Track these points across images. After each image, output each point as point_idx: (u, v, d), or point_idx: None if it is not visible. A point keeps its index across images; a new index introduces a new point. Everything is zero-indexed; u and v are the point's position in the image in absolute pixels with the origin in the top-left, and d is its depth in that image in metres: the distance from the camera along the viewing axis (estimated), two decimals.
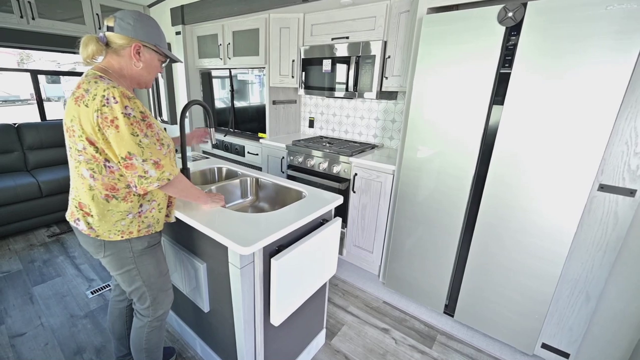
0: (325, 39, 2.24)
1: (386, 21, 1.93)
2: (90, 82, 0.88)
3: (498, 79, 1.38)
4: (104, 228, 0.98)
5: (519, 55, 1.30)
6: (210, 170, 1.83)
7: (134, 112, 0.87)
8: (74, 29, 2.99)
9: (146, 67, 1.00)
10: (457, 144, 1.54)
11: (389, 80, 2.00)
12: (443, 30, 1.48)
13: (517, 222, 1.42)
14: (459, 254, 1.65)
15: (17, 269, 2.25)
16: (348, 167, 2.10)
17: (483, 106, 1.43)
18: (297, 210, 1.22)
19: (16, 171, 2.93)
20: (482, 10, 1.36)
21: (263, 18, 2.44)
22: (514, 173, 1.39)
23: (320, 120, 2.88)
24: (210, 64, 3.00)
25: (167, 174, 0.95)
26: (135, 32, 0.94)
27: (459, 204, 1.59)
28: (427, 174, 1.67)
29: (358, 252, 2.21)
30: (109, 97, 0.84)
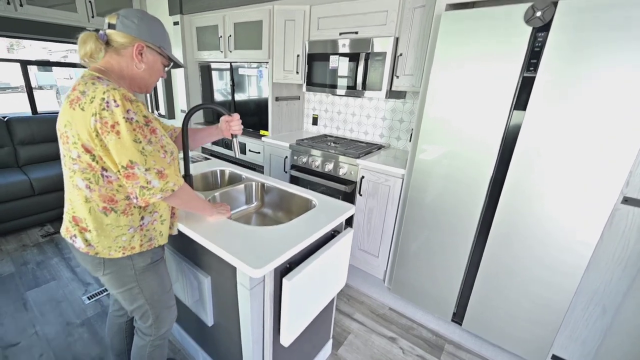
0: (333, 33, 2.11)
1: (399, 16, 1.81)
2: (87, 83, 0.79)
3: (521, 82, 1.29)
4: (104, 244, 0.89)
5: (545, 58, 1.21)
6: (212, 173, 1.73)
7: (136, 117, 0.78)
8: (65, 17, 2.81)
9: (148, 69, 0.91)
10: (473, 148, 1.45)
11: (400, 80, 1.89)
12: (463, 28, 1.38)
13: (534, 231, 1.35)
14: (471, 260, 1.59)
15: (9, 272, 2.14)
16: (355, 169, 2.01)
17: (503, 111, 1.34)
18: (308, 223, 1.14)
19: (6, 167, 2.79)
20: (508, 8, 1.26)
21: (267, 9, 2.30)
22: (533, 181, 1.32)
23: (325, 117, 2.77)
24: (210, 56, 2.85)
25: (171, 184, 0.85)
26: (139, 31, 0.86)
27: (474, 211, 1.51)
28: (440, 178, 1.59)
29: (363, 255, 2.14)
30: (110, 100, 0.75)
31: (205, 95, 3.20)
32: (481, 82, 1.38)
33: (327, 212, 1.23)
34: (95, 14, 2.97)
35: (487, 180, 1.44)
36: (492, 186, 1.45)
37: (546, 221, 1.31)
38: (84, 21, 2.93)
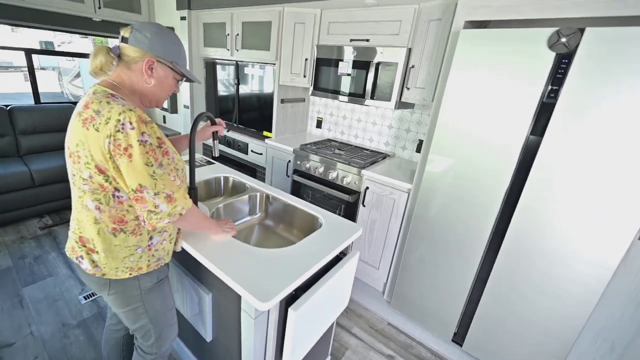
0: (343, 39, 2.03)
1: (413, 27, 1.73)
2: (102, 102, 0.76)
3: (540, 108, 1.23)
4: (111, 265, 0.87)
5: (568, 85, 1.14)
6: (216, 180, 1.67)
7: (150, 139, 0.76)
8: (71, 7, 2.69)
9: (158, 84, 0.87)
10: (487, 170, 1.40)
11: (410, 92, 1.82)
12: (482, 47, 1.31)
13: (545, 259, 1.31)
14: (477, 279, 1.55)
15: (6, 266, 2.08)
16: (359, 179, 1.95)
17: (520, 135, 1.29)
18: (316, 245, 1.09)
19: (7, 157, 2.70)
20: (531, 32, 1.19)
21: (277, 11, 2.20)
22: (547, 208, 1.27)
23: (329, 121, 2.69)
24: (216, 54, 2.75)
25: (179, 208, 0.83)
26: (151, 46, 0.82)
27: (481, 235, 1.47)
28: (449, 197, 1.54)
29: (363, 266, 2.10)
30: (125, 122, 0.73)
31: (209, 91, 3.11)
32: (498, 104, 1.31)
33: (334, 232, 1.18)
34: (102, 5, 2.85)
35: (499, 204, 1.39)
36: (503, 209, 1.40)
37: (559, 251, 1.27)
38: (91, 12, 2.82)
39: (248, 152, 2.69)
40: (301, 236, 1.39)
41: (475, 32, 1.31)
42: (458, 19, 1.41)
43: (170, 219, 0.82)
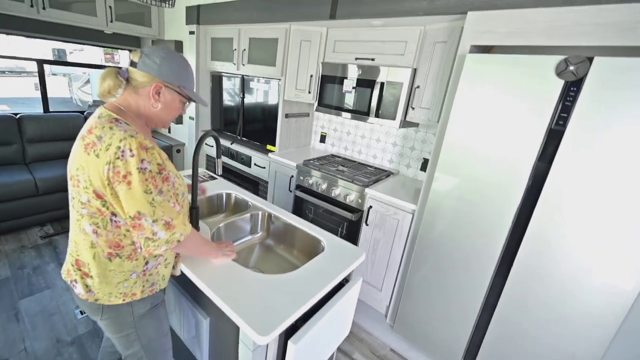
0: (349, 57, 2.03)
1: (418, 48, 1.73)
2: (105, 127, 0.75)
3: (548, 135, 1.21)
4: (105, 291, 0.85)
5: (576, 114, 1.12)
6: (218, 196, 1.64)
7: (150, 166, 0.75)
8: (85, 21, 2.75)
9: (165, 108, 0.87)
10: (495, 192, 1.36)
11: (415, 112, 1.81)
12: (489, 72, 1.29)
13: (556, 288, 1.26)
14: (484, 307, 1.49)
15: (5, 276, 2.06)
16: (362, 197, 1.92)
17: (528, 161, 1.26)
18: (318, 272, 1.05)
19: (14, 164, 2.71)
20: (539, 59, 1.17)
21: (283, 28, 2.22)
22: (557, 237, 1.23)
23: (333, 136, 2.68)
24: (223, 68, 2.77)
25: (177, 235, 0.81)
26: (160, 71, 0.82)
27: (490, 258, 1.42)
28: (455, 219, 1.50)
29: (365, 287, 2.05)
30: (125, 149, 0.72)
31: (214, 104, 3.12)
32: (506, 128, 1.29)
33: (336, 257, 1.15)
34: (114, 19, 2.90)
35: (508, 225, 1.35)
36: (512, 231, 1.35)
37: (571, 277, 1.22)
38: (102, 25, 2.87)
39: (251, 166, 2.68)
40: (302, 258, 1.36)
41: (482, 57, 1.30)
42: (464, 43, 1.41)
43: (167, 246, 0.81)
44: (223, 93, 3.02)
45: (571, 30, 1.16)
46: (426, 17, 1.55)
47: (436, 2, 1.48)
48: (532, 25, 1.23)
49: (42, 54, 10.79)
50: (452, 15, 1.47)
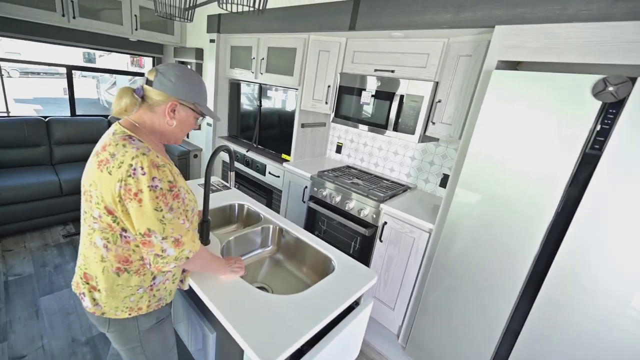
0: (368, 68, 2.00)
1: (441, 61, 1.68)
2: (118, 144, 0.77)
3: (581, 159, 1.12)
4: (111, 304, 0.86)
5: (615, 138, 1.04)
6: (231, 207, 1.65)
7: (161, 184, 0.76)
8: (111, 29, 2.89)
9: (179, 125, 0.88)
10: (520, 214, 1.28)
11: (436, 127, 1.75)
12: (518, 89, 1.23)
13: (586, 319, 1.17)
14: (505, 334, 1.41)
15: (28, 273, 2.15)
16: (377, 212, 1.88)
17: (557, 187, 1.18)
18: (327, 293, 1.03)
19: (41, 165, 2.86)
20: (573, 77, 1.10)
21: (303, 38, 2.22)
22: (587, 268, 1.14)
23: (349, 147, 2.65)
24: (241, 75, 2.81)
25: (186, 252, 0.83)
26: (175, 89, 0.83)
27: (514, 282, 1.34)
28: (475, 239, 1.43)
29: (378, 305, 1.99)
30: (137, 167, 0.74)
31: (232, 111, 3.17)
32: (532, 151, 1.22)
33: (347, 278, 1.12)
34: (139, 27, 3.02)
35: (534, 251, 1.27)
36: (539, 256, 1.27)
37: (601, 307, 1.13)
38: (128, 33, 2.99)
39: (266, 174, 2.69)
40: (312, 275, 1.34)
41: (510, 73, 1.24)
42: (490, 58, 1.35)
43: (176, 263, 0.82)
44: (241, 100, 3.06)
45: (610, 48, 1.08)
46: (451, 29, 1.49)
47: (461, 14, 1.42)
48: (565, 40, 1.16)
49: (72, 57, 11.50)
50: (479, 28, 1.41)
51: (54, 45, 3.00)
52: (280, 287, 1.30)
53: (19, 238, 2.51)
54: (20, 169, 2.68)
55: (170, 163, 0.85)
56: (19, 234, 2.56)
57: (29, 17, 2.44)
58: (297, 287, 1.29)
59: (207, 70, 3.11)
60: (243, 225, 1.66)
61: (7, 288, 2.00)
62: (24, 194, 2.44)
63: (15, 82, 11.08)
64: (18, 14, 2.38)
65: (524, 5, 1.24)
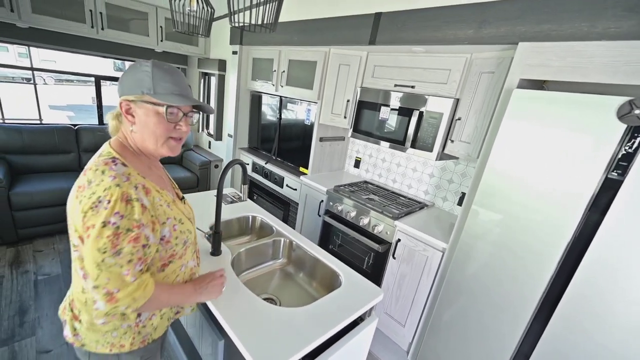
0: (388, 83, 2.07)
1: (462, 77, 1.71)
2: (98, 169, 0.73)
3: (603, 183, 1.11)
4: (92, 338, 0.83)
5: (639, 163, 1.02)
6: (245, 218, 1.75)
7: (121, 222, 0.69)
8: (138, 40, 3.15)
9: (141, 127, 0.78)
10: (535, 238, 1.28)
11: (454, 145, 1.77)
12: (538, 109, 1.24)
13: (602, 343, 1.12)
14: (515, 358, 1.38)
15: (56, 273, 2.36)
16: (391, 229, 1.90)
17: (576, 211, 1.16)
18: (333, 307, 1.08)
19: (70, 171, 3.14)
20: (597, 98, 1.10)
21: (323, 52, 2.33)
22: (602, 298, 1.10)
23: (367, 162, 2.70)
24: (262, 88, 2.97)
25: (121, 308, 0.73)
26: (122, 87, 0.77)
27: (525, 305, 1.32)
28: (489, 259, 1.42)
29: (388, 321, 2.00)
30: (104, 199, 0.68)
31: (252, 123, 3.33)
32: (550, 172, 1.22)
33: (353, 294, 1.17)
34: (164, 38, 3.28)
35: (549, 275, 1.25)
36: (554, 280, 1.25)
37: (616, 340, 1.09)
38: (153, 44, 3.25)
39: (283, 186, 2.79)
40: (320, 289, 1.40)
41: (530, 93, 1.25)
42: (512, 76, 1.37)
43: (105, 320, 0.78)
44: (262, 112, 3.21)
45: (633, 68, 1.07)
46: (473, 45, 1.53)
47: (483, 30, 1.46)
48: (591, 59, 1.17)
49: (103, 67, 12.46)
50: (502, 45, 1.44)
51: (84, 56, 3.28)
52: (289, 299, 1.36)
53: (48, 240, 2.76)
54: (51, 174, 2.93)
55: (161, 190, 0.82)
56: (49, 235, 2.81)
57: (60, 29, 2.67)
58: (306, 300, 1.34)
59: (230, 82, 3.31)
60: (256, 237, 1.75)
61: (37, 286, 2.20)
62: (54, 198, 2.66)
63: (51, 89, 12.17)
64: (50, 25, 2.61)
65: (549, 22, 1.26)
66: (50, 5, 2.58)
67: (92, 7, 2.77)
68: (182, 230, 0.84)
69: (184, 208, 0.94)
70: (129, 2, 2.96)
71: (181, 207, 0.91)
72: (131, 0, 2.97)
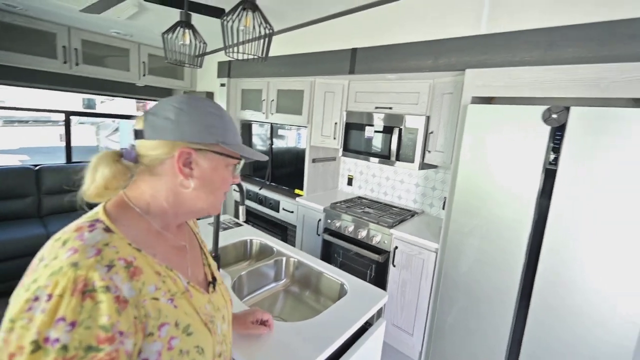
0: (369, 106, 2.63)
1: (429, 98, 2.28)
2: (60, 239, 0.54)
3: (545, 174, 1.62)
4: None
5: (564, 154, 1.54)
6: (242, 243, 1.94)
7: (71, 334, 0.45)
8: (117, 75, 3.36)
9: (203, 183, 0.66)
10: (506, 229, 1.75)
11: (431, 155, 2.30)
12: (488, 119, 1.77)
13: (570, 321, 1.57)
14: (511, 345, 1.79)
15: None
16: (388, 238, 2.35)
17: (531, 200, 1.66)
18: (338, 317, 1.23)
19: (27, 218, 3.04)
20: (528, 108, 1.64)
21: (309, 81, 2.91)
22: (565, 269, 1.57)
23: (359, 179, 3.21)
24: (253, 116, 3.52)
25: None
26: (180, 130, 0.62)
27: (509, 294, 1.76)
28: (475, 256, 1.88)
29: (397, 332, 2.38)
30: (43, 293, 0.47)
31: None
32: (507, 171, 1.72)
33: (358, 300, 1.37)
34: (147, 73, 3.57)
35: (521, 261, 1.71)
36: (526, 267, 1.71)
37: (581, 313, 1.53)
38: (135, 78, 3.50)
39: (279, 210, 3.25)
40: (328, 303, 1.52)
41: (480, 107, 1.80)
42: (466, 94, 1.91)
43: None
44: (252, 140, 3.74)
45: (551, 85, 1.63)
46: (433, 72, 2.10)
47: (439, 61, 2.03)
48: (518, 80, 1.72)
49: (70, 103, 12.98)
50: (455, 71, 2.00)
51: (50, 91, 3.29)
52: (297, 319, 1.37)
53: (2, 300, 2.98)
54: (2, 223, 2.79)
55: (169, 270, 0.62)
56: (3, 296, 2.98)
57: (30, 65, 2.73)
58: None
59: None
60: (255, 261, 1.89)
61: None
62: (7, 250, 2.55)
63: None
64: (20, 62, 2.68)
65: (485, 53, 1.83)
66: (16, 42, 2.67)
67: (65, 43, 2.91)
68: (187, 349, 0.58)
69: (208, 301, 0.71)
70: (109, 39, 3.19)
71: (201, 300, 0.68)
72: (111, 38, 3.20)
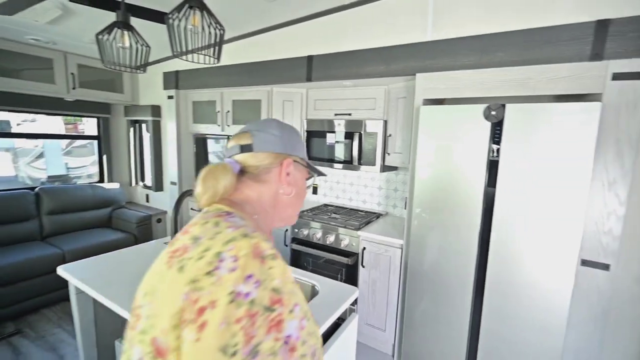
0: (329, 114, 2.87)
1: (385, 103, 2.58)
2: (208, 222, 0.63)
3: (490, 165, 1.94)
4: None
5: (503, 147, 1.87)
6: None
7: (257, 292, 0.51)
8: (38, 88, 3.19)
9: (298, 192, 0.81)
10: (460, 220, 2.04)
11: (391, 157, 2.58)
12: (439, 119, 2.08)
13: (518, 296, 1.87)
14: (471, 330, 2.06)
15: None
16: (356, 240, 2.57)
17: (479, 190, 1.97)
18: None
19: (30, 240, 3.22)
20: (470, 107, 1.96)
21: (265, 91, 3.10)
22: (511, 250, 1.88)
23: (324, 187, 3.42)
24: (207, 129, 3.60)
25: None
26: (284, 143, 0.78)
27: (467, 282, 2.04)
28: (436, 248, 2.15)
29: (370, 331, 2.58)
30: (226, 256, 0.54)
31: (199, 166, 3.89)
32: (458, 165, 2.03)
33: (330, 298, 1.52)
34: (77, 85, 3.41)
35: (475, 249, 2.00)
36: (480, 254, 2.00)
37: (526, 286, 1.84)
38: (63, 92, 3.34)
39: None
40: None
41: (429, 108, 2.10)
42: (418, 97, 2.22)
43: None
44: (208, 152, 3.81)
45: (488, 86, 1.98)
46: (386, 78, 2.39)
47: (391, 66, 2.34)
48: (460, 82, 2.06)
49: None
50: (406, 76, 2.31)
51: None
52: None
53: None
54: None
55: None
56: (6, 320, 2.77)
57: None
58: None
59: (167, 128, 3.85)
60: None
61: None
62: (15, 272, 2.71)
63: None
64: None
65: (429, 59, 2.16)
66: None
67: None
68: (311, 332, 0.59)
69: None
70: (27, 47, 3.00)
71: None
72: (29, 46, 2.99)
